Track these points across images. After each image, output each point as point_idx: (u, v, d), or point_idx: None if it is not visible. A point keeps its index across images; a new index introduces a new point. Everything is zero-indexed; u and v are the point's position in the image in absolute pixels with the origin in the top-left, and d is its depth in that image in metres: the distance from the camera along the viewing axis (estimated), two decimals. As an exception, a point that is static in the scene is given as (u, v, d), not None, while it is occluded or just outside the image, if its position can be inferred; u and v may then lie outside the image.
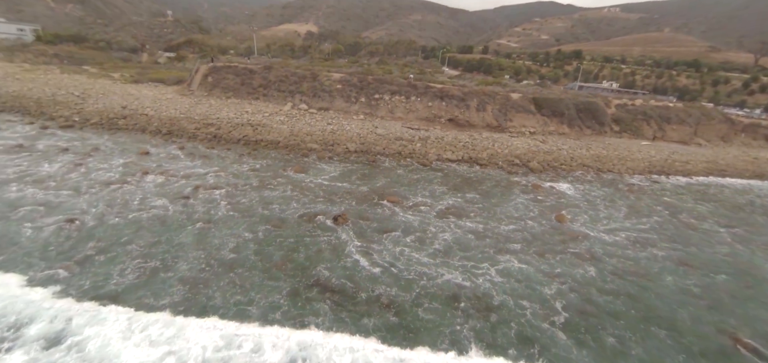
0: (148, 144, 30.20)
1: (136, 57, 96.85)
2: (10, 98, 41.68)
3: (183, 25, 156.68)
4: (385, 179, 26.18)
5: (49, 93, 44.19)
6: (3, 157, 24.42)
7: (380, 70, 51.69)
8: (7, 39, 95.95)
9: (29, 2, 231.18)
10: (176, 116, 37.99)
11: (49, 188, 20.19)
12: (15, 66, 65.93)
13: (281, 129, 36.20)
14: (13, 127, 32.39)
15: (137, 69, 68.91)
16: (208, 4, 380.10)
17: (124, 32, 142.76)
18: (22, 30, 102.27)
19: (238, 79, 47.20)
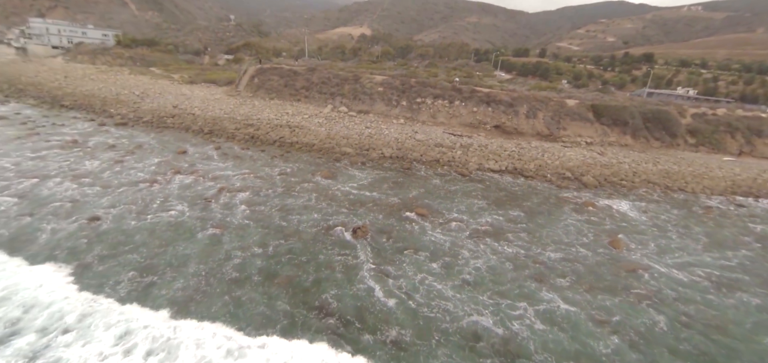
0: (188, 143, 30.70)
1: (198, 59, 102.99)
2: (81, 97, 45.15)
3: (244, 29, 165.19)
4: (418, 189, 24.07)
5: (114, 92, 47.40)
6: (57, 152, 25.76)
7: (425, 73, 49.54)
8: (92, 43, 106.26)
9: (117, 11, 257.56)
10: (220, 116, 38.72)
11: (83, 184, 20.63)
12: (93, 67, 72.46)
13: (318, 131, 35.43)
14: (76, 123, 34.63)
15: (196, 70, 72.73)
16: (270, 9, 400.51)
17: (192, 36, 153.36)
18: (105, 35, 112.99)
19: (281, 80, 47.52)
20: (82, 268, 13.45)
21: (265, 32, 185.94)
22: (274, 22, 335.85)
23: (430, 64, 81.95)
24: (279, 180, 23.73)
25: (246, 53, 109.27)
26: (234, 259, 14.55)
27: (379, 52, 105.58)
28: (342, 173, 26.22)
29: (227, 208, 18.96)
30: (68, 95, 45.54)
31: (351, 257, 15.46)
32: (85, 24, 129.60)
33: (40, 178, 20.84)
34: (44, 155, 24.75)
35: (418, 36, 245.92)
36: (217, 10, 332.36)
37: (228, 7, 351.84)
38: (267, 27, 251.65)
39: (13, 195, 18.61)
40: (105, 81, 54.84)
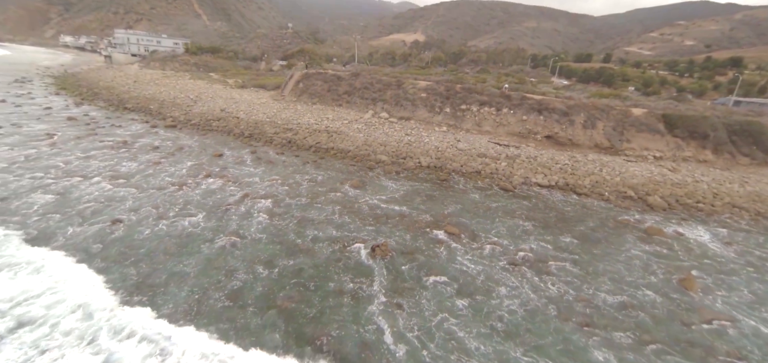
0: (227, 147, 31.05)
1: (255, 65, 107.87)
2: (143, 100, 48.29)
3: (300, 36, 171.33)
4: (453, 205, 21.88)
5: (172, 96, 50.21)
6: (105, 152, 27.04)
7: (472, 79, 46.86)
8: (164, 51, 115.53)
9: (191, 22, 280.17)
10: (262, 120, 39.18)
11: (118, 185, 21.10)
12: (160, 73, 78.19)
13: (356, 138, 34.40)
14: (131, 125, 36.72)
15: (249, 76, 75.77)
16: (328, 17, 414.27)
17: (252, 44, 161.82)
18: (176, 44, 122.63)
19: (325, 85, 47.41)
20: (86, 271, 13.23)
21: (320, 39, 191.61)
22: (331, 29, 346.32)
23: (481, 70, 78.47)
24: (306, 188, 22.80)
25: (299, 59, 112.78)
26: (236, 277, 13.53)
27: (429, 58, 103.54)
28: (373, 183, 24.76)
29: (245, 217, 18.24)
30: (133, 98, 48.94)
31: (364, 283, 13.79)
32: (160, 34, 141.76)
33: (81, 178, 21.70)
34: (93, 155, 26.04)
35: (473, 42, 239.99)
36: (279, 19, 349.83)
37: (289, 17, 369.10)
38: (323, 34, 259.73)
39: (52, 193, 19.38)
40: (167, 85, 58.56)
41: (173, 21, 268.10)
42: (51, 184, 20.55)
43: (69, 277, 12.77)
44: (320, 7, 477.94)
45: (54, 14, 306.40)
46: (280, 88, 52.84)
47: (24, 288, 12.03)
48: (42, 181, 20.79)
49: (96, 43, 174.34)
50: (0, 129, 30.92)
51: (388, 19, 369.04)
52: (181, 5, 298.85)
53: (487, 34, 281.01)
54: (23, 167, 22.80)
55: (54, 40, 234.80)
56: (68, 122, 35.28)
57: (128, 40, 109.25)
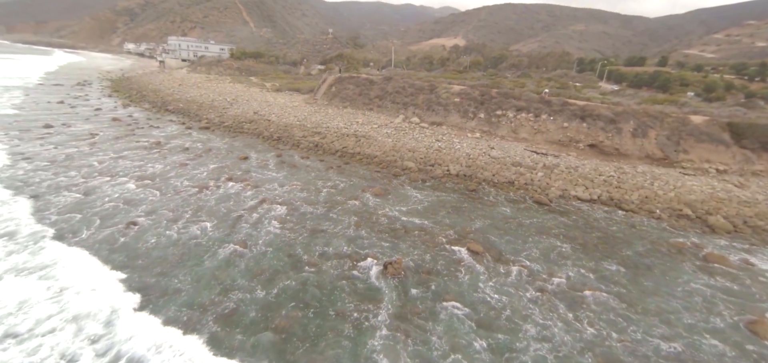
0: (254, 149, 31.02)
1: (294, 69, 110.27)
2: (184, 102, 50.11)
3: (340, 42, 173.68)
4: (481, 219, 20.07)
5: (211, 98, 51.74)
6: (138, 153, 27.77)
7: (510, 84, 44.31)
8: (211, 56, 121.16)
9: (239, 28, 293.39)
10: (292, 123, 39.11)
11: (142, 186, 21.30)
12: (204, 76, 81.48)
13: (384, 142, 33.29)
14: (167, 126, 37.92)
15: (287, 79, 77.12)
16: (370, 23, 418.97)
17: (293, 49, 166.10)
18: (222, 49, 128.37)
19: (357, 89, 46.80)
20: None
21: (360, 44, 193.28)
22: (371, 34, 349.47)
23: (522, 74, 74.91)
24: (324, 196, 21.91)
25: (337, 63, 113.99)
26: (234, 292, 12.71)
27: (467, 62, 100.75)
28: (396, 192, 23.45)
29: (256, 225, 17.56)
30: (175, 101, 50.94)
31: (371, 308, 12.48)
32: (209, 41, 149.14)
33: (110, 178, 22.17)
34: (125, 155, 26.78)
35: (515, 46, 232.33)
36: (322, 26, 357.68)
37: (331, 23, 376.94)
38: (364, 39, 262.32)
39: (79, 191, 19.81)
40: (208, 88, 60.64)
41: (223, 28, 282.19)
42: (81, 183, 21.11)
43: (73, 283, 12.53)
44: (362, 13, 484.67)
45: (121, 24, 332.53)
46: (313, 91, 52.96)
47: (22, 296, 11.89)
48: (73, 180, 21.42)
49: (153, 50, 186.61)
50: (52, 128, 32.84)
51: (429, 24, 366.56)
52: (231, 13, 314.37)
53: (531, 38, 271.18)
54: (61, 166, 23.73)
55: (119, 47, 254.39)
56: (112, 123, 37.00)
57: (179, 46, 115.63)
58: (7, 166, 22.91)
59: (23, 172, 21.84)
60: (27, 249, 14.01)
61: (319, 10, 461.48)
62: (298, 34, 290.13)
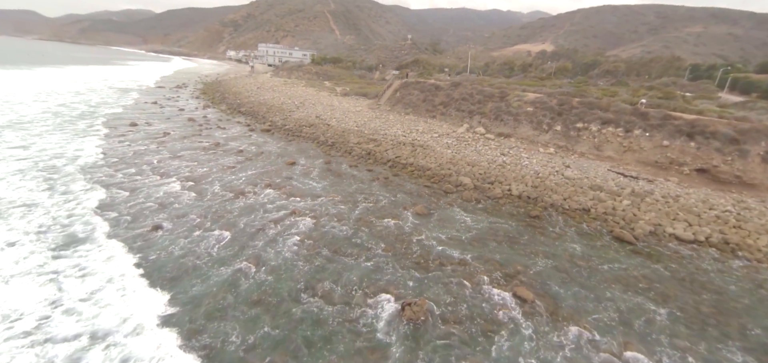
0: (304, 155, 30.47)
1: (370, 74, 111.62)
2: (256, 105, 52.58)
3: (418, 47, 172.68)
4: (541, 256, 16.37)
5: (280, 101, 53.62)
6: (196, 153, 28.77)
7: (599, 92, 38.18)
8: (294, 61, 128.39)
9: (326, 36, 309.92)
10: (349, 129, 38.18)
11: (185, 188, 21.45)
12: (283, 80, 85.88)
13: (442, 154, 30.50)
14: (233, 128, 39.53)
15: (359, 84, 77.70)
16: (453, 29, 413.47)
17: (372, 55, 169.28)
18: (304, 55, 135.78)
19: (421, 95, 44.47)
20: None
21: (439, 50, 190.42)
22: (453, 40, 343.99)
23: (616, 82, 65.74)
24: (360, 211, 19.94)
25: (411, 69, 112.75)
26: (223, 320, 11.21)
27: (552, 68, 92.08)
28: (442, 212, 20.64)
29: (275, 240, 16.13)
30: (248, 103, 53.74)
31: (372, 359, 10.17)
32: (293, 47, 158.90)
33: (160, 177, 22.88)
34: (183, 155, 27.87)
35: (614, 51, 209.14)
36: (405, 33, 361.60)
37: (414, 30, 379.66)
38: (444, 45, 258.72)
39: (125, 189, 20.53)
40: (281, 92, 63.28)
41: (311, 36, 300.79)
42: (132, 180, 21.94)
43: (69, 290, 12.19)
44: (445, 19, 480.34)
45: (226, 34, 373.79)
46: (378, 97, 51.89)
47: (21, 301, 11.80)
48: (128, 177, 22.43)
49: (247, 56, 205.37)
50: (135, 126, 36.10)
51: (515, 29, 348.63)
52: (319, 23, 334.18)
53: (633, 43, 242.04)
54: (125, 162, 25.25)
55: (223, 54, 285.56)
56: (186, 123, 39.67)
57: (266, 53, 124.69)
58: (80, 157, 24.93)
59: (90, 165, 23.53)
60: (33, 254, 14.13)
61: (402, 17, 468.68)
62: (379, 41, 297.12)
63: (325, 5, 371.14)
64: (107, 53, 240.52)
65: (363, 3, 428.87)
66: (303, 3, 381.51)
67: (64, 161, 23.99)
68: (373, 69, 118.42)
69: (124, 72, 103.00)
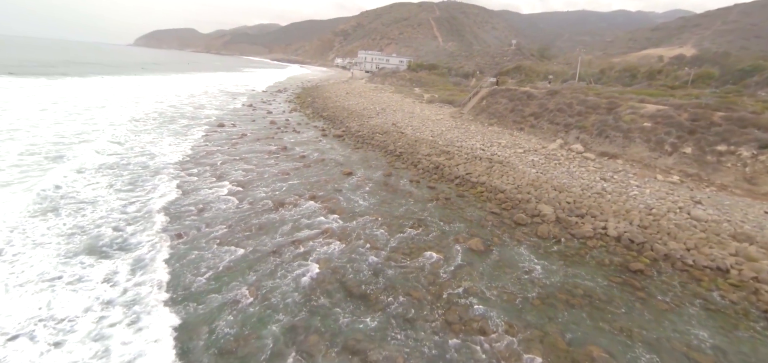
0: (365, 165, 28.41)
1: (465, 81, 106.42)
2: (338, 110, 52.94)
3: (522, 53, 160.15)
4: (641, 348, 11.03)
5: (361, 107, 53.08)
6: (259, 156, 28.65)
7: (758, 105, 28.39)
8: (390, 68, 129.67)
9: (428, 43, 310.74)
10: (423, 138, 35.16)
11: (231, 192, 20.91)
12: (372, 86, 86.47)
13: (524, 174, 25.63)
14: (307, 132, 39.65)
15: (449, 91, 73.75)
16: (568, 34, 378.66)
17: (471, 61, 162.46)
18: (401, 62, 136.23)
19: (510, 104, 39.13)
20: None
21: (547, 56, 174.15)
22: (568, 45, 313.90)
23: (788, 91, 50.19)
24: (401, 240, 16.83)
25: (512, 76, 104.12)
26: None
27: (690, 75, 75.30)
28: (504, 251, 16.38)
29: (286, 267, 13.87)
30: (332, 108, 54.41)
31: None
32: (391, 54, 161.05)
33: (215, 179, 22.89)
34: (247, 157, 28.02)
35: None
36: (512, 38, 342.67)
37: (522, 35, 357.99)
38: (556, 50, 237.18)
39: (179, 191, 20.75)
40: (367, 97, 63.06)
41: (414, 43, 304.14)
42: (188, 182, 22.20)
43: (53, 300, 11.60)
44: (560, 23, 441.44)
45: (336, 43, 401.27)
46: (462, 104, 47.68)
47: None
48: (186, 178, 22.86)
49: (351, 63, 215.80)
50: (221, 127, 38.48)
51: (644, 31, 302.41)
52: (423, 30, 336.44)
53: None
54: (194, 161, 26.07)
55: (331, 62, 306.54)
56: (267, 126, 41.10)
57: (365, 59, 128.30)
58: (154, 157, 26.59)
59: (161, 165, 24.82)
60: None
61: (511, 22, 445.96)
62: (483, 47, 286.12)
63: (430, 13, 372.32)
64: (238, 62, 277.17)
65: (469, 9, 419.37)
66: (408, 11, 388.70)
67: (144, 159, 25.72)
68: (470, 76, 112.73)
69: (241, 78, 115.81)
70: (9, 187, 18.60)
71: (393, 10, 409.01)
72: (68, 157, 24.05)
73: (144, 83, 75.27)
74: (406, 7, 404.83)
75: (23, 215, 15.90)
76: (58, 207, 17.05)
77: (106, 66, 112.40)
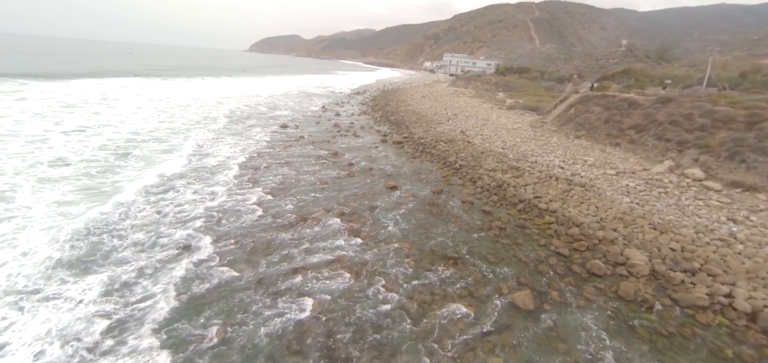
0: (414, 178, 25.18)
1: (559, 86, 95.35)
2: (408, 113, 50.29)
3: (634, 54, 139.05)
4: None
5: (433, 112, 49.64)
6: (306, 161, 27.11)
7: None
8: (476, 71, 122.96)
9: (522, 45, 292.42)
10: (491, 150, 30.64)
11: (260, 202, 19.45)
12: (454, 90, 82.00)
13: (612, 202, 20.07)
14: (367, 136, 37.53)
15: (536, 97, 65.92)
16: (698, 32, 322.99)
17: (570, 64, 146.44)
18: (489, 65, 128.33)
19: (604, 114, 32.22)
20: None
21: (667, 58, 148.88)
22: (698, 45, 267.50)
23: None
24: (427, 281, 13.41)
25: (618, 80, 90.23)
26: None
27: None
28: (564, 315, 11.96)
29: (273, 301, 11.58)
30: (402, 111, 51.93)
31: None
32: (478, 57, 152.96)
33: (253, 184, 21.83)
34: (293, 162, 26.77)
35: None
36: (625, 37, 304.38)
37: (639, 35, 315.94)
38: (681, 51, 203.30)
39: (213, 196, 20.04)
40: (442, 102, 59.24)
41: (507, 46, 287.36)
42: (224, 186, 21.47)
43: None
44: (688, 20, 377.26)
45: (427, 47, 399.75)
46: (544, 112, 41.22)
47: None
48: (227, 182, 22.23)
49: (438, 66, 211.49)
50: (284, 129, 38.55)
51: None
52: (519, 32, 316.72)
53: None
54: (240, 165, 25.51)
55: (420, 65, 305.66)
56: (331, 128, 40.10)
57: (449, 62, 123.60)
58: (194, 158, 26.74)
59: (210, 167, 24.72)
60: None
61: (624, 21, 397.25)
62: (588, 49, 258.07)
63: (529, 13, 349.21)
64: (331, 65, 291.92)
65: (574, 8, 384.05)
66: (504, 13, 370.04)
67: (198, 158, 26.07)
68: (565, 80, 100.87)
69: (327, 80, 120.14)
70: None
71: (488, 13, 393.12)
72: (134, 155, 25.21)
73: (235, 84, 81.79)
74: (502, 9, 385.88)
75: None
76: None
77: (213, 69, 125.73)
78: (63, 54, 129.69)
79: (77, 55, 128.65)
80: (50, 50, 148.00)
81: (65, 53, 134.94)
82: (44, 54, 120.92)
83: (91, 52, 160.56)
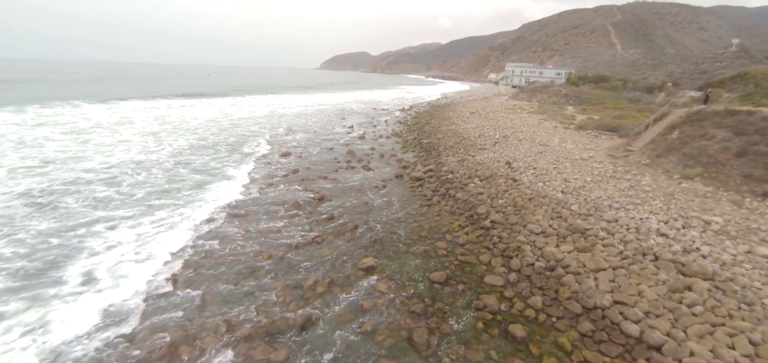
0: (412, 250, 16.56)
1: (647, 97, 78.56)
2: (446, 135, 41.35)
3: (749, 55, 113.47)
4: None
5: (477, 133, 40.07)
6: (274, 210, 20.41)
7: None
8: (544, 81, 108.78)
9: (601, 52, 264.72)
10: (544, 194, 20.83)
11: (149, 296, 12.77)
12: (511, 104, 70.93)
13: (749, 293, 9.83)
14: (381, 167, 29.66)
15: (616, 111, 52.45)
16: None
17: (660, 70, 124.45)
18: (558, 74, 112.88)
19: (733, 142, 20.61)
20: None
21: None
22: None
23: None
24: None
25: (730, 88, 71.64)
26: None
27: None
28: None
29: None
30: (441, 133, 43.10)
31: None
32: (545, 65, 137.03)
33: (169, 257, 15.18)
34: (256, 213, 19.60)
35: None
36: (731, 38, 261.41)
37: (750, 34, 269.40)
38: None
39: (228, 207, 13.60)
40: (492, 120, 49.11)
41: (583, 53, 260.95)
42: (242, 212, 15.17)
43: None
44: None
45: (493, 58, 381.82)
46: (630, 137, 29.49)
47: None
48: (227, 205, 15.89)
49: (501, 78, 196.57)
50: (287, 156, 32.06)
51: None
52: (597, 37, 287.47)
53: None
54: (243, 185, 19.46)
55: (485, 77, 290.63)
56: (339, 157, 32.58)
57: (512, 73, 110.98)
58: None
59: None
60: None
61: (729, 20, 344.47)
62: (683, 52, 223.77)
63: (609, 17, 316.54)
64: (393, 79, 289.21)
65: (665, 9, 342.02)
66: (580, 18, 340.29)
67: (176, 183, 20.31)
68: (655, 89, 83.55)
69: (377, 95, 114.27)
70: None
71: (561, 19, 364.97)
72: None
73: (276, 101, 79.30)
74: (578, 14, 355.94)
75: None
76: None
77: (272, 87, 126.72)
78: (172, 77, 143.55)
79: (186, 78, 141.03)
80: (161, 75, 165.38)
81: (173, 77, 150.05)
82: (156, 78, 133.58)
83: (177, 76, 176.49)
